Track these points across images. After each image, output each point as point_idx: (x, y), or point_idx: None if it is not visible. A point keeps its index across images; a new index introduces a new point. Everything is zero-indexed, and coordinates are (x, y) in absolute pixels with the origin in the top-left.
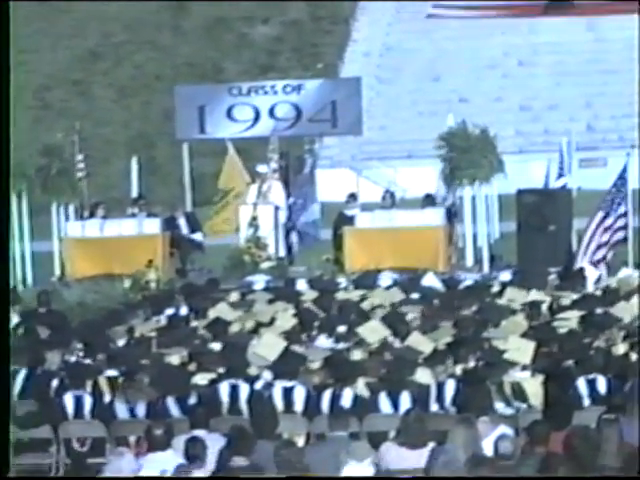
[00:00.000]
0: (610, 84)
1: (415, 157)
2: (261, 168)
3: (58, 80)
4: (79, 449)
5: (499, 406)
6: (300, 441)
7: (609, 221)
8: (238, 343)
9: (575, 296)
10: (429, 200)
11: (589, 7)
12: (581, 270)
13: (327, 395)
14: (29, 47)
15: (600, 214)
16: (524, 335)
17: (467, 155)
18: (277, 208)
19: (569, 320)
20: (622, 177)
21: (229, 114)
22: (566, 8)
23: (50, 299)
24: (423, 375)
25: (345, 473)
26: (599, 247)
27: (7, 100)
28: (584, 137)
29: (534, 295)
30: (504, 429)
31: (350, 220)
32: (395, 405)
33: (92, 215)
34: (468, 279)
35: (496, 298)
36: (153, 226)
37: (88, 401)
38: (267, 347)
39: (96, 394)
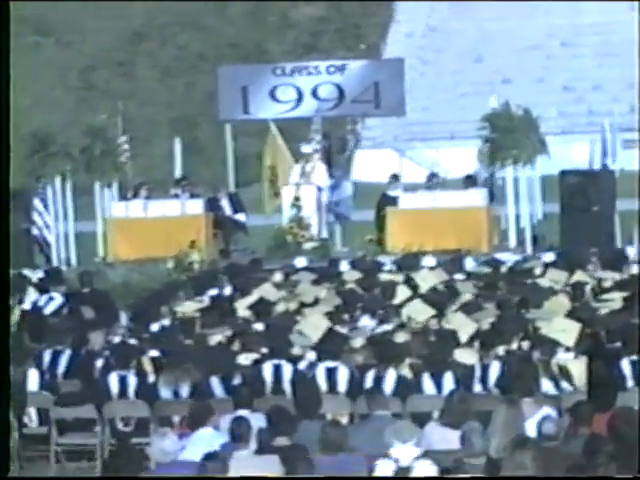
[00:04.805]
0: None
1: (458, 138)
2: (305, 148)
3: (103, 61)
4: (123, 429)
5: (547, 386)
6: (343, 421)
7: None
8: (281, 323)
9: (618, 277)
10: (470, 181)
11: None
12: (622, 251)
13: (370, 375)
14: (74, 28)
15: None
16: (567, 316)
17: (510, 136)
18: (320, 189)
19: (612, 301)
20: None
21: (272, 94)
22: None
23: (92, 279)
24: (467, 356)
25: (390, 454)
26: None
27: (7, 101)
28: (627, 118)
29: (577, 276)
30: (548, 410)
31: (393, 201)
32: (438, 386)
33: (135, 196)
34: (511, 260)
35: (539, 279)
36: (196, 207)
37: (133, 381)
38: (311, 327)
39: (140, 374)
